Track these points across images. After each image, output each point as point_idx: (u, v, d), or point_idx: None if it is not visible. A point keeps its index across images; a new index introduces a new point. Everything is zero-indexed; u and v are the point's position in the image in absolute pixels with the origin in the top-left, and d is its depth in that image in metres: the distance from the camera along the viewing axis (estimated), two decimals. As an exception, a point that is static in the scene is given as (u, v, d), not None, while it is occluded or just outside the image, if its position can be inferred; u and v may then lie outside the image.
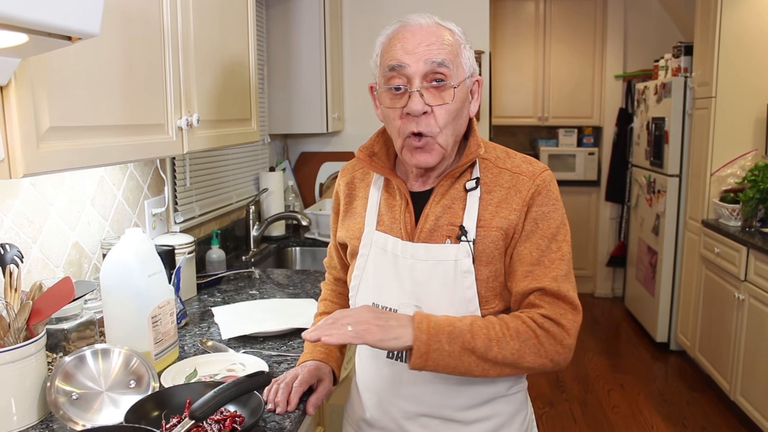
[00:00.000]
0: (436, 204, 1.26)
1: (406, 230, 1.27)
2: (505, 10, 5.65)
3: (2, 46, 0.85)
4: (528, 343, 1.15)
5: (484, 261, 1.21)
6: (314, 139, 3.95)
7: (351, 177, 1.43)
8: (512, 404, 1.32)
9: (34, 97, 1.05)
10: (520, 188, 1.23)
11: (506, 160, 1.28)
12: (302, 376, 1.35)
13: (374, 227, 1.32)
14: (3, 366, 1.22)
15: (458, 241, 1.22)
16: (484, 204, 1.23)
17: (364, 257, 1.32)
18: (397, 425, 1.31)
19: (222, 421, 1.22)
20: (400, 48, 1.18)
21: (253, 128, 2.15)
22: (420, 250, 1.24)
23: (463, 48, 1.23)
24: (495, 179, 1.25)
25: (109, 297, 1.49)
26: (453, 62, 1.19)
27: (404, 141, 1.22)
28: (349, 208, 1.41)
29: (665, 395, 3.83)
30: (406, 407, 1.29)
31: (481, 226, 1.22)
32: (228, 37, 1.91)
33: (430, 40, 1.18)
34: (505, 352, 1.14)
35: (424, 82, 1.17)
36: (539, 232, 1.21)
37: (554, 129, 5.93)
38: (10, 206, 1.49)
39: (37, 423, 1.28)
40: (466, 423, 1.28)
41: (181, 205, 2.44)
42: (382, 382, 1.32)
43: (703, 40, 3.93)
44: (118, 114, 1.33)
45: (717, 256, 3.63)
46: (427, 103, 1.17)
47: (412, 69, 1.17)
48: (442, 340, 1.12)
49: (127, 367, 1.35)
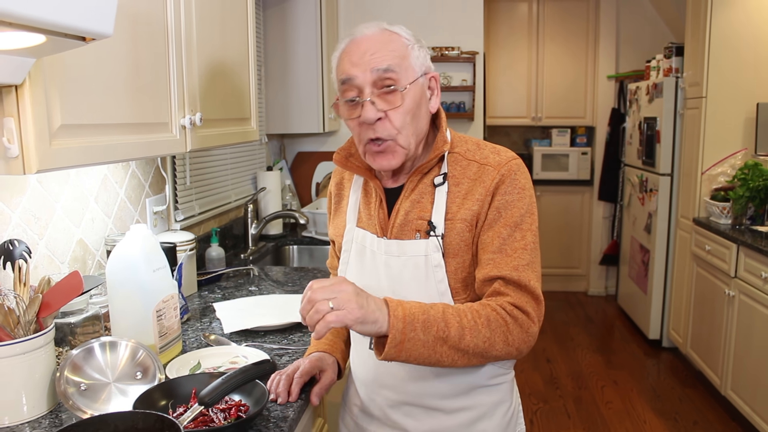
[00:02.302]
0: (406, 199, 1.29)
1: (381, 226, 1.32)
2: (498, 11, 5.70)
3: (20, 46, 0.89)
4: (498, 332, 1.16)
5: (451, 253, 1.24)
6: (311, 139, 3.99)
7: (340, 178, 1.48)
8: (494, 395, 1.34)
9: (47, 96, 1.08)
10: (485, 179, 1.24)
11: (475, 152, 1.29)
12: (303, 367, 1.38)
13: (355, 224, 1.38)
14: (14, 357, 1.25)
15: (427, 236, 1.25)
16: (451, 197, 1.26)
17: (347, 253, 1.39)
18: (383, 413, 1.37)
19: (227, 409, 1.26)
20: (348, 61, 1.22)
21: (253, 127, 2.19)
22: (392, 246, 1.29)
23: (411, 49, 1.24)
24: (463, 172, 1.27)
25: (115, 291, 1.53)
26: (400, 65, 1.21)
27: (365, 147, 1.26)
28: (338, 207, 1.47)
29: (658, 391, 3.88)
30: (389, 396, 1.34)
31: (448, 219, 1.25)
32: (228, 38, 1.94)
33: (374, 48, 1.21)
34: (477, 340, 1.15)
35: (374, 89, 1.21)
36: (502, 221, 1.22)
37: (548, 129, 5.99)
38: (18, 203, 1.52)
39: (47, 413, 1.31)
40: (447, 412, 1.32)
41: (182, 204, 2.47)
42: (367, 370, 1.38)
43: (693, 41, 3.99)
44: (125, 113, 1.36)
45: (708, 254, 3.68)
46: (380, 109, 1.21)
47: (360, 79, 1.21)
48: (417, 328, 1.11)
49: (133, 359, 1.38)
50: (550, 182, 5.81)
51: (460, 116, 3.92)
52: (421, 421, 1.33)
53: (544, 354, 4.47)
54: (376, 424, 1.40)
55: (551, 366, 4.28)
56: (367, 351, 1.34)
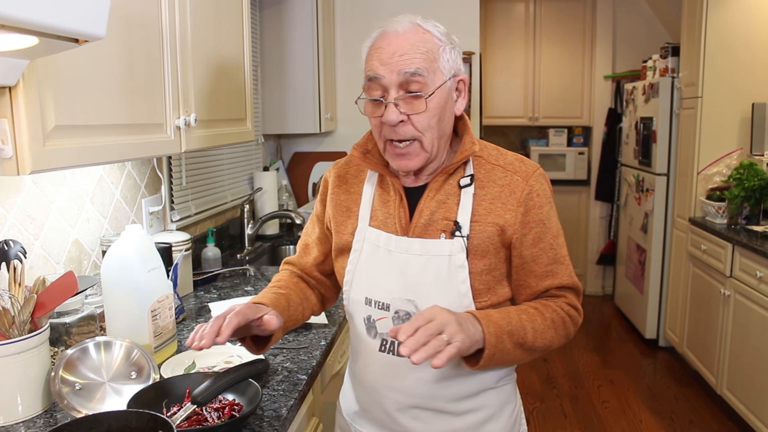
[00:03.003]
0: (431, 199, 1.28)
1: (401, 225, 1.30)
2: (495, 11, 5.71)
3: (14, 48, 0.90)
4: (559, 331, 1.26)
5: (478, 255, 1.25)
6: (307, 139, 4.00)
7: (344, 172, 1.44)
8: (501, 396, 1.36)
9: (40, 97, 1.09)
10: (515, 188, 1.26)
11: (498, 157, 1.31)
12: (240, 308, 1.21)
13: (367, 223, 1.34)
14: (8, 357, 1.26)
15: (452, 236, 1.25)
16: (477, 200, 1.27)
17: (357, 252, 1.34)
18: (389, 417, 1.35)
19: (221, 409, 1.27)
20: (377, 59, 1.20)
21: (248, 128, 2.20)
22: (415, 245, 1.27)
23: (442, 50, 1.22)
24: (488, 175, 1.28)
25: (110, 291, 1.53)
26: (428, 69, 1.19)
27: (386, 145, 1.26)
28: (338, 201, 1.42)
29: (654, 390, 3.89)
30: (398, 399, 1.32)
31: (475, 221, 1.25)
32: (224, 39, 1.95)
33: (404, 49, 1.18)
34: (545, 341, 1.23)
35: (400, 91, 1.19)
36: (549, 233, 1.28)
37: (544, 129, 6.00)
38: (13, 203, 1.53)
39: (42, 413, 1.32)
40: (456, 414, 1.32)
41: (178, 204, 2.48)
42: (374, 375, 1.35)
43: (689, 42, 4.01)
44: (120, 113, 1.37)
45: (704, 254, 3.70)
46: (403, 112, 1.20)
47: (387, 80, 1.19)
48: (505, 339, 1.17)
49: (128, 358, 1.39)
50: (547, 182, 5.81)
51: (457, 116, 3.93)
52: (430, 424, 1.33)
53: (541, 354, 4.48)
54: (376, 428, 1.39)
55: (548, 366, 4.29)
56: (374, 354, 1.33)
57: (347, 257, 1.37)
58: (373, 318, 1.31)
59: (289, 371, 1.55)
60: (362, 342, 1.36)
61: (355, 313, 1.36)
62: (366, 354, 1.36)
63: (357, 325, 1.36)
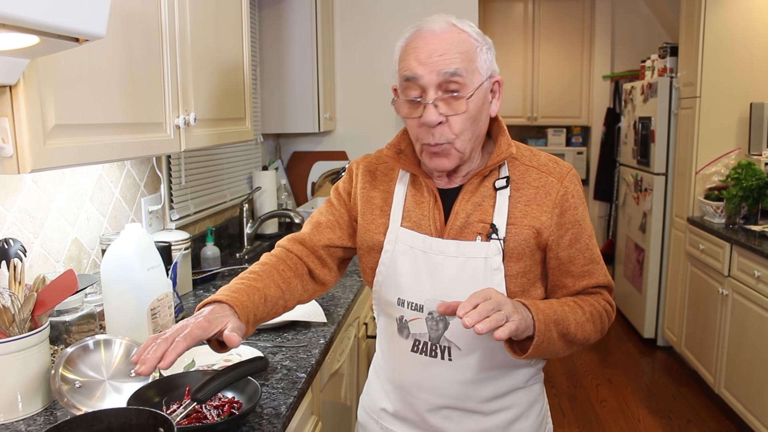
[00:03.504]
0: (467, 201, 1.28)
1: (436, 227, 1.29)
2: (494, 11, 5.72)
3: (14, 47, 0.90)
4: (596, 326, 1.28)
5: (514, 258, 1.25)
6: (306, 139, 4.00)
7: (374, 167, 1.42)
8: (530, 395, 1.37)
9: (41, 96, 1.09)
10: (550, 189, 1.26)
11: (531, 158, 1.31)
12: (190, 329, 1.08)
13: (399, 224, 1.33)
14: (9, 355, 1.26)
15: (488, 239, 1.25)
16: (513, 202, 1.26)
17: (388, 253, 1.34)
18: (420, 417, 1.35)
19: (221, 406, 1.27)
20: (414, 58, 1.18)
21: (248, 127, 2.20)
22: (450, 247, 1.27)
23: (479, 51, 1.21)
24: (522, 177, 1.28)
25: (110, 289, 1.54)
26: (467, 69, 1.18)
27: (422, 147, 1.24)
28: (368, 197, 1.39)
29: (652, 389, 3.90)
30: (429, 399, 1.32)
31: (511, 223, 1.25)
32: (223, 38, 1.96)
33: (443, 49, 1.17)
34: (585, 334, 1.25)
35: (438, 92, 1.18)
36: (585, 233, 1.30)
37: (543, 129, 6.01)
38: (13, 202, 1.53)
39: (42, 410, 1.32)
40: (486, 414, 1.33)
41: (177, 203, 2.48)
42: (406, 375, 1.34)
43: (687, 41, 4.01)
44: (119, 112, 1.37)
45: (702, 253, 3.70)
46: (442, 113, 1.18)
47: (426, 80, 1.17)
48: (551, 328, 1.17)
49: (128, 356, 1.39)
50: (545, 182, 5.82)
51: (456, 116, 3.94)
52: (461, 424, 1.33)
53: (540, 353, 4.49)
54: (405, 427, 1.39)
55: (546, 365, 4.27)
56: (406, 355, 1.32)
57: (377, 257, 1.36)
58: (405, 319, 1.31)
59: (288, 369, 1.55)
60: (393, 342, 1.35)
61: (386, 313, 1.36)
62: (397, 354, 1.35)
63: (388, 325, 1.36)
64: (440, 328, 1.28)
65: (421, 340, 1.30)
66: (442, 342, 1.28)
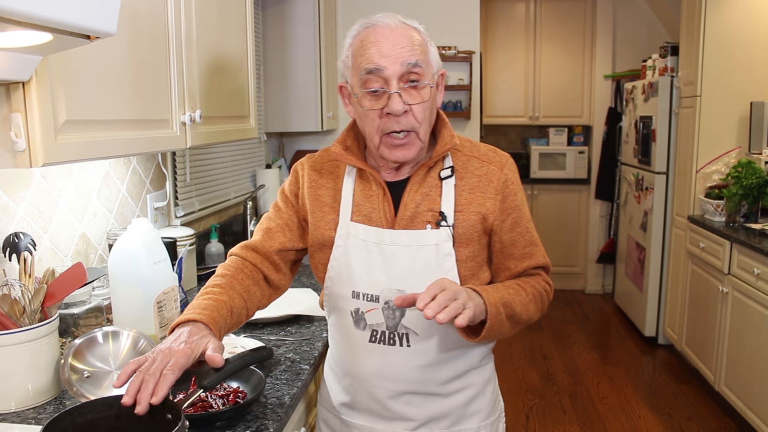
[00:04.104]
0: (415, 192, 1.33)
1: (386, 218, 1.34)
2: (496, 11, 5.75)
3: (28, 44, 0.93)
4: (538, 305, 1.36)
5: (463, 243, 1.32)
6: (309, 138, 4.04)
7: (320, 166, 1.45)
8: (484, 374, 1.44)
9: (52, 92, 1.13)
10: (492, 177, 1.34)
11: (472, 148, 1.39)
12: (176, 360, 1.10)
13: (349, 218, 1.37)
14: (20, 345, 1.30)
15: (438, 227, 1.31)
16: (458, 190, 1.33)
17: (340, 248, 1.37)
18: (381, 405, 1.38)
19: (226, 396, 1.30)
20: (375, 51, 1.24)
21: (252, 125, 2.23)
22: (402, 237, 1.32)
23: (429, 45, 1.31)
24: (465, 166, 1.36)
25: (117, 283, 1.57)
26: (424, 61, 1.26)
27: (381, 138, 1.28)
28: (316, 195, 1.42)
29: (653, 387, 3.92)
30: (390, 387, 1.36)
31: (458, 210, 1.32)
32: (227, 37, 1.99)
33: (403, 42, 1.24)
34: (529, 314, 1.33)
35: (401, 83, 1.24)
36: (524, 217, 1.37)
37: (545, 128, 6.03)
38: (23, 197, 1.57)
39: (52, 399, 1.36)
40: (445, 395, 1.38)
41: (182, 200, 2.52)
42: (366, 366, 1.37)
43: (688, 41, 4.04)
44: (127, 109, 1.41)
45: (702, 251, 3.73)
46: (406, 102, 1.24)
47: (390, 71, 1.23)
48: (501, 311, 1.24)
49: (135, 347, 1.43)
50: (547, 181, 5.85)
51: (457, 115, 3.97)
52: (422, 408, 1.37)
53: (541, 351, 4.52)
54: (367, 418, 1.41)
55: (548, 362, 4.32)
56: (364, 346, 1.35)
57: (328, 253, 1.39)
58: (361, 310, 1.35)
59: (291, 361, 1.58)
60: (349, 335, 1.38)
61: (339, 307, 1.39)
62: (354, 347, 1.38)
63: (343, 319, 1.39)
64: (397, 316, 1.32)
65: (379, 330, 1.34)
66: (400, 329, 1.33)
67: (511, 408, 3.65)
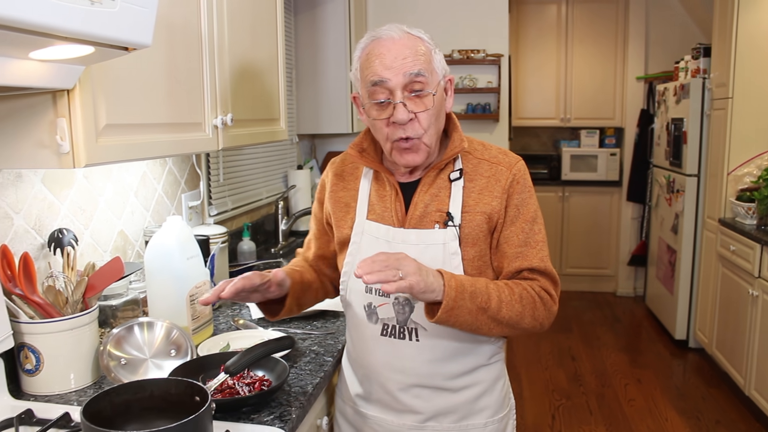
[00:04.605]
0: (425, 193, 1.40)
1: (398, 218, 1.41)
2: (528, 14, 5.76)
3: (72, 56, 1.03)
4: (528, 308, 1.33)
5: (470, 243, 1.37)
6: (340, 139, 4.12)
7: (341, 170, 1.55)
8: (492, 372, 1.48)
9: (94, 99, 1.22)
10: (499, 177, 1.39)
11: (483, 151, 1.43)
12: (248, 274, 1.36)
13: (365, 217, 1.45)
14: (63, 333, 1.40)
15: (445, 226, 1.36)
16: (467, 192, 1.38)
17: (356, 245, 1.45)
18: (392, 397, 1.44)
19: (252, 383, 1.39)
20: (379, 64, 1.30)
21: (282, 127, 2.32)
22: (411, 236, 1.38)
23: (434, 53, 1.35)
24: (475, 169, 1.40)
25: (153, 277, 1.67)
26: (427, 69, 1.31)
27: (392, 144, 1.35)
28: (337, 198, 1.52)
29: (682, 390, 3.90)
30: (400, 379, 1.42)
31: (465, 211, 1.37)
32: (258, 44, 2.08)
33: (405, 54, 1.30)
34: (511, 313, 1.31)
35: (405, 92, 1.30)
36: (521, 217, 1.38)
37: (576, 130, 6.03)
38: (66, 195, 1.67)
39: (91, 384, 1.46)
40: (454, 390, 1.43)
41: (215, 200, 2.62)
42: (377, 358, 1.44)
43: (720, 42, 4.01)
44: (162, 113, 1.50)
45: (733, 254, 3.70)
46: (411, 110, 1.31)
47: (393, 82, 1.29)
48: (465, 297, 1.26)
49: (168, 337, 1.52)
50: (578, 183, 5.84)
51: (486, 117, 4.01)
52: (430, 401, 1.43)
53: (570, 352, 4.52)
54: (379, 409, 1.48)
55: (576, 364, 4.33)
56: (376, 339, 1.42)
57: (347, 250, 1.47)
58: (374, 305, 1.42)
59: (316, 354, 1.66)
60: (363, 329, 1.45)
61: (354, 301, 1.46)
62: (367, 339, 1.45)
63: (357, 313, 1.46)
64: (406, 311, 1.38)
65: (390, 324, 1.41)
66: (409, 324, 1.39)
67: (537, 408, 3.68)
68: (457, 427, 1.45)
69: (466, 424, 1.45)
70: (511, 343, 4.47)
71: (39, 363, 1.39)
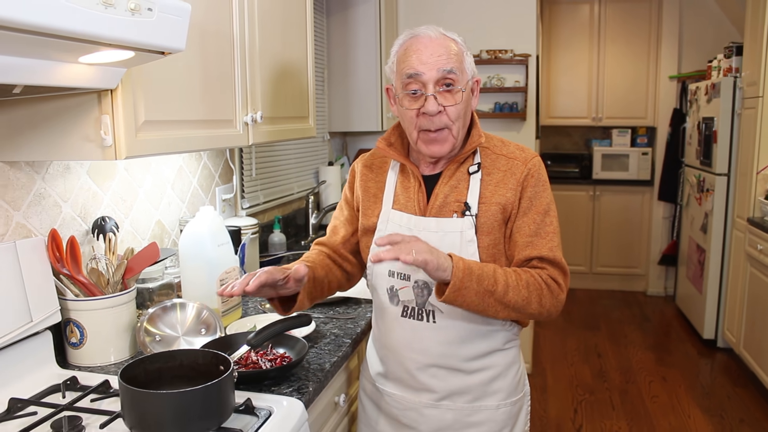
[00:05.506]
0: (445, 185, 1.50)
1: (420, 207, 1.52)
2: (560, 13, 5.79)
3: (115, 60, 1.16)
4: (534, 294, 1.41)
5: (485, 231, 1.47)
6: (371, 137, 4.22)
7: (370, 162, 1.67)
8: (507, 357, 1.56)
9: (134, 98, 1.35)
10: (515, 171, 1.48)
11: (501, 147, 1.54)
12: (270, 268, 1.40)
13: (391, 206, 1.57)
14: (104, 310, 1.54)
15: (463, 216, 1.47)
16: (484, 184, 1.48)
17: (381, 232, 1.56)
18: (410, 375, 1.55)
19: (273, 360, 1.51)
20: (416, 59, 1.42)
21: (310, 125, 2.44)
22: (431, 224, 1.49)
23: (465, 55, 1.47)
24: (493, 163, 1.51)
25: (186, 263, 1.80)
26: (459, 68, 1.43)
27: (419, 135, 1.47)
28: (366, 187, 1.63)
29: (707, 389, 3.91)
30: (417, 359, 1.52)
31: (482, 202, 1.47)
32: (288, 45, 2.20)
33: (440, 51, 1.42)
34: (517, 298, 1.39)
35: (436, 86, 1.42)
36: (534, 209, 1.47)
37: (608, 129, 6.03)
38: (108, 186, 1.82)
39: (129, 358, 1.60)
40: (468, 372, 1.52)
41: (248, 193, 2.76)
42: (397, 338, 1.55)
43: (752, 40, 4.00)
44: (196, 110, 1.63)
45: (761, 254, 3.70)
46: (440, 104, 1.42)
47: (427, 76, 1.41)
48: (473, 279, 1.35)
49: (199, 317, 1.65)
50: (610, 182, 5.85)
51: (513, 116, 4.07)
52: (446, 381, 1.53)
53: (596, 349, 4.56)
54: (397, 387, 1.58)
55: (601, 360, 4.36)
56: (397, 320, 1.53)
57: (371, 237, 1.58)
58: (396, 288, 1.52)
59: (335, 336, 1.78)
60: (385, 310, 1.56)
61: (378, 285, 1.57)
62: (389, 320, 1.56)
63: (381, 295, 1.57)
64: (425, 294, 1.49)
65: (409, 306, 1.51)
66: (427, 306, 1.49)
67: (560, 402, 3.74)
68: (470, 407, 1.54)
69: (479, 405, 1.55)
70: (537, 338, 4.53)
71: (83, 337, 1.54)
